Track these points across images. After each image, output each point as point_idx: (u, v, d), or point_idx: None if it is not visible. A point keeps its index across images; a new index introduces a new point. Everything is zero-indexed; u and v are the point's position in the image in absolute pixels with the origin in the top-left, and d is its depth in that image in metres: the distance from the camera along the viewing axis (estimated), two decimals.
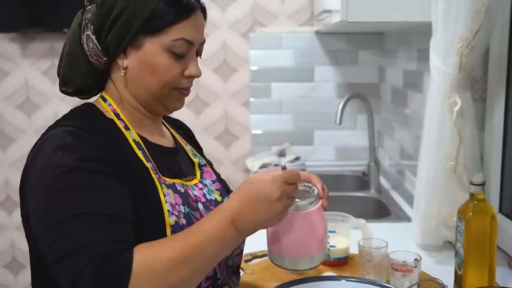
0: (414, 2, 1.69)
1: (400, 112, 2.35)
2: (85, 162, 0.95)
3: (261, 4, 2.80)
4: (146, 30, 1.05)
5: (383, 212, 2.13)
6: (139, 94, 1.10)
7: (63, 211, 0.91)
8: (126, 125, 1.09)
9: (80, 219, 0.90)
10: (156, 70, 1.06)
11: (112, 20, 1.05)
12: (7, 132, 2.92)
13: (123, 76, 1.09)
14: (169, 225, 1.01)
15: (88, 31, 1.08)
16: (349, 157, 2.84)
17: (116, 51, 1.07)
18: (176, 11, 1.05)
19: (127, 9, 1.04)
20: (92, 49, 1.08)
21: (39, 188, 0.95)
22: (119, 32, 1.05)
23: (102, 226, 0.90)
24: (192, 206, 1.09)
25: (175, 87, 1.10)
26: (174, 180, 1.10)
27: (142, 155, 1.06)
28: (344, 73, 2.79)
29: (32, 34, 2.83)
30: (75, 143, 0.97)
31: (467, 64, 1.44)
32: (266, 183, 0.93)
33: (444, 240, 1.62)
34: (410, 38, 2.18)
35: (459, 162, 1.50)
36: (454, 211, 1.51)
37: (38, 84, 2.87)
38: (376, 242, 1.42)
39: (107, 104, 1.11)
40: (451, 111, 1.49)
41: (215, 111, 2.88)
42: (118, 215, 0.93)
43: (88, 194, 0.93)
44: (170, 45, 1.05)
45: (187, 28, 1.06)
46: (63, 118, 1.08)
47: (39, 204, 0.95)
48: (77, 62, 1.11)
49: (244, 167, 2.88)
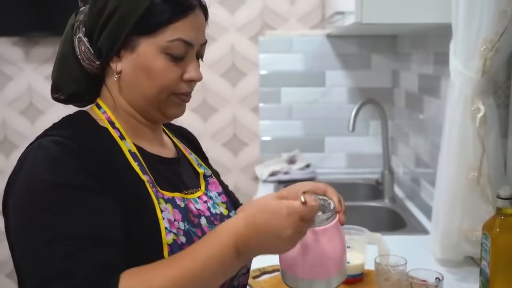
0: (431, 2, 1.60)
1: (415, 118, 2.26)
2: (70, 178, 0.86)
3: (270, 7, 2.71)
4: (140, 30, 0.96)
5: (398, 224, 2.03)
6: (134, 100, 1.02)
7: (45, 233, 0.82)
8: (122, 135, 1.00)
9: (63, 242, 0.81)
10: (152, 74, 0.98)
11: (104, 20, 0.97)
12: (10, 138, 2.86)
13: (117, 81, 1.01)
14: (167, 244, 0.92)
15: (80, 33, 1.00)
16: (361, 164, 2.74)
17: (109, 54, 0.99)
18: (172, 9, 0.96)
19: (120, 8, 0.96)
20: (84, 52, 1.01)
21: (21, 204, 0.87)
22: (112, 33, 0.97)
23: (87, 250, 0.81)
24: (192, 222, 1.00)
25: (173, 92, 1.01)
26: (174, 194, 1.01)
27: (138, 167, 0.97)
28: (356, 77, 2.70)
29: (35, 38, 2.76)
30: (62, 155, 0.89)
31: (491, 67, 1.35)
32: (280, 218, 0.82)
33: (466, 255, 1.53)
34: (425, 40, 2.09)
35: (482, 173, 1.41)
36: (476, 224, 1.42)
37: (42, 89, 2.81)
38: (394, 259, 1.33)
39: (102, 112, 1.03)
40: (474, 118, 1.40)
41: (223, 117, 2.80)
42: (105, 238, 0.84)
43: (72, 214, 0.84)
44: (167, 46, 0.97)
45: (185, 28, 0.98)
46: (52, 126, 1.00)
47: (20, 223, 0.87)
48: (68, 66, 1.03)
49: (253, 174, 2.79)
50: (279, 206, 0.83)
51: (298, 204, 0.83)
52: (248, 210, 0.86)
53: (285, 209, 0.82)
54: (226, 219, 1.07)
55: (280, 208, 0.82)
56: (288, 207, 0.82)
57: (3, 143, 2.86)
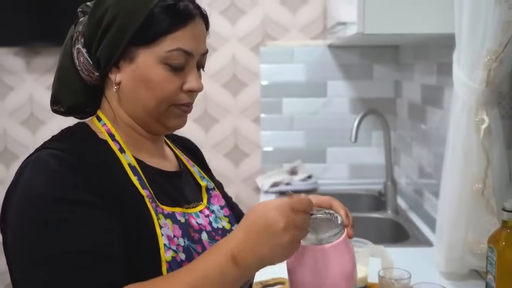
0: (434, 13, 1.60)
1: (418, 129, 2.24)
2: (67, 193, 0.85)
3: (272, 17, 2.71)
4: (139, 41, 0.95)
5: (401, 235, 2.01)
6: (134, 111, 1.00)
7: (41, 249, 0.81)
8: (121, 147, 0.98)
9: (62, 258, 0.80)
10: (151, 85, 0.96)
11: (102, 31, 0.96)
12: (11, 148, 2.84)
13: (116, 92, 0.99)
14: (165, 261, 0.90)
15: (79, 44, 0.99)
16: (363, 175, 2.72)
17: (108, 65, 0.97)
18: (171, 19, 0.95)
19: (118, 18, 0.94)
20: (83, 63, 0.99)
21: (17, 218, 0.86)
22: (110, 44, 0.95)
23: (86, 266, 0.80)
24: (193, 238, 0.98)
25: (173, 103, 0.99)
26: (174, 209, 0.99)
27: (138, 181, 0.95)
28: (358, 87, 2.68)
29: (37, 48, 2.76)
30: (59, 169, 0.87)
31: (495, 78, 1.34)
32: (269, 211, 0.81)
33: (470, 268, 1.50)
34: (428, 51, 2.08)
35: (487, 184, 1.39)
36: (481, 237, 1.40)
37: (43, 100, 2.80)
38: (398, 272, 1.31)
39: (102, 124, 1.01)
40: (478, 129, 1.38)
41: (224, 128, 2.78)
42: (104, 253, 0.83)
43: (71, 229, 0.83)
44: (166, 57, 0.95)
45: (184, 38, 0.96)
46: (51, 138, 0.98)
47: (16, 237, 0.85)
48: (67, 78, 1.01)
49: (254, 185, 2.77)
50: (266, 203, 0.83)
51: (284, 198, 0.83)
52: (243, 220, 0.85)
53: (273, 204, 0.82)
54: (228, 233, 1.05)
55: (267, 204, 0.83)
56: (276, 202, 0.82)
57: (3, 153, 2.85)
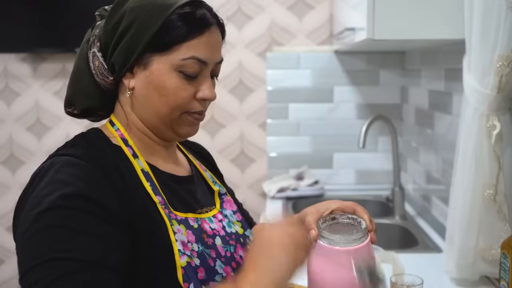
0: (443, 19, 1.59)
1: (425, 134, 2.24)
2: (72, 200, 0.84)
3: (278, 23, 2.71)
4: (154, 48, 0.95)
5: (410, 241, 2.00)
6: (147, 118, 1.00)
7: (44, 253, 0.80)
8: (135, 153, 0.98)
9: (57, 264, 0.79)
10: (164, 92, 0.96)
11: (118, 37, 0.96)
12: (17, 154, 2.84)
13: (130, 98, 1.00)
14: (180, 267, 0.90)
15: (94, 48, 0.99)
16: (370, 181, 2.72)
17: (122, 70, 0.97)
18: (187, 27, 0.95)
19: (134, 24, 0.94)
20: (98, 67, 0.99)
21: (24, 225, 0.85)
22: (125, 50, 0.95)
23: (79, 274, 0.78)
24: (206, 244, 0.97)
25: (186, 111, 0.99)
26: (187, 215, 0.99)
27: (151, 187, 0.95)
28: (365, 93, 2.68)
29: (43, 54, 2.76)
30: (68, 176, 0.87)
31: (507, 84, 1.34)
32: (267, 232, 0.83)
33: (482, 274, 1.49)
34: (435, 56, 2.08)
35: (498, 191, 1.38)
36: (493, 243, 1.40)
37: (49, 106, 2.80)
38: (410, 278, 1.30)
39: (115, 129, 1.01)
40: (489, 135, 1.38)
41: (230, 133, 2.78)
42: (99, 262, 0.81)
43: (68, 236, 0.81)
44: (180, 64, 0.95)
45: (200, 46, 0.96)
46: (65, 144, 0.99)
47: (21, 242, 0.85)
48: (82, 81, 1.02)
49: (261, 191, 2.77)
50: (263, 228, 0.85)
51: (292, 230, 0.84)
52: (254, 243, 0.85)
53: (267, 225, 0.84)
54: (241, 238, 1.05)
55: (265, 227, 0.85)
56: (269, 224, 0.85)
57: (9, 159, 2.85)
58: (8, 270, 2.93)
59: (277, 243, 0.82)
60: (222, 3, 2.68)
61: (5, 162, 2.85)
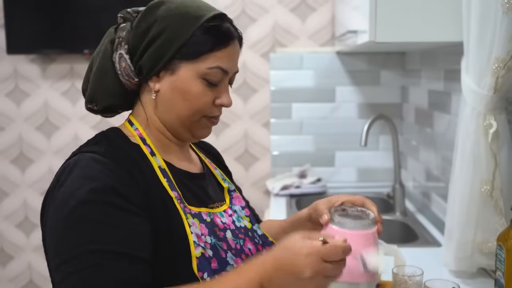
0: (443, 22, 1.66)
1: (425, 133, 2.31)
2: (101, 195, 0.91)
3: (281, 25, 2.78)
4: (183, 56, 1.02)
5: (410, 236, 2.07)
6: (167, 119, 1.07)
7: (76, 246, 0.87)
8: (152, 151, 1.05)
9: (92, 256, 0.86)
10: (188, 97, 1.03)
11: (148, 41, 1.02)
12: (26, 153, 2.91)
13: (154, 99, 1.06)
14: (195, 257, 0.97)
15: (122, 50, 1.05)
16: (371, 178, 2.79)
17: (149, 73, 1.04)
18: (214, 39, 1.02)
19: (165, 32, 1.01)
20: (124, 68, 1.06)
21: (56, 219, 0.92)
22: (155, 55, 1.02)
23: (113, 265, 0.86)
24: (218, 236, 1.04)
25: (205, 115, 1.07)
26: (200, 209, 1.06)
27: (167, 183, 1.02)
28: (366, 93, 2.75)
29: (52, 55, 2.83)
30: (95, 172, 0.94)
31: (503, 85, 1.40)
32: (300, 259, 0.82)
33: (479, 267, 1.56)
34: (435, 58, 2.15)
35: (495, 186, 1.45)
36: (490, 237, 1.46)
37: (58, 105, 2.87)
38: (411, 269, 1.36)
39: (134, 129, 1.08)
40: (486, 133, 1.45)
41: (235, 132, 2.85)
42: (132, 253, 0.89)
43: (101, 229, 0.89)
44: (205, 73, 1.03)
45: (224, 57, 1.04)
46: (87, 143, 1.05)
47: (54, 236, 0.92)
48: (106, 80, 1.07)
49: (264, 188, 2.84)
50: (300, 246, 0.83)
51: (318, 244, 0.83)
52: (278, 249, 0.87)
53: (305, 249, 0.82)
54: (250, 232, 1.11)
55: (301, 248, 0.83)
56: (308, 247, 0.82)
57: (19, 157, 2.91)
58: (18, 267, 3.00)
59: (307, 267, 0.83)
60: (227, 5, 2.75)
61: (15, 161, 2.92)
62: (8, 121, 2.89)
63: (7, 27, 2.71)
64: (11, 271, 3.01)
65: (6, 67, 2.85)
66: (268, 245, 1.14)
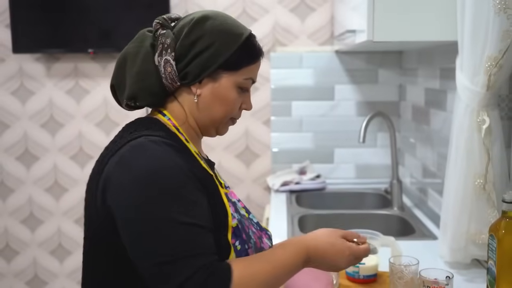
0: (439, 22, 1.71)
1: (422, 130, 2.36)
2: (180, 171, 1.05)
3: (281, 24, 2.84)
4: (226, 67, 1.15)
5: (407, 230, 2.13)
6: (202, 119, 1.20)
7: (167, 217, 1.00)
8: (186, 139, 1.18)
9: (183, 227, 1.00)
10: (225, 102, 1.17)
11: (196, 52, 1.14)
12: (31, 150, 2.96)
13: (195, 102, 1.18)
14: (231, 227, 1.11)
15: (168, 56, 1.15)
16: (369, 175, 2.85)
17: (195, 80, 1.16)
18: (251, 55, 1.18)
19: (213, 45, 1.14)
20: (170, 73, 1.16)
21: (138, 194, 1.02)
22: (202, 64, 1.14)
23: (200, 236, 1.02)
24: (240, 213, 1.18)
25: (232, 117, 1.22)
26: (225, 190, 1.20)
27: (205, 164, 1.16)
28: (364, 91, 2.81)
29: (56, 54, 2.88)
30: (164, 153, 1.06)
31: (495, 83, 1.46)
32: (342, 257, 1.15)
33: (473, 258, 1.62)
34: (431, 56, 2.20)
35: (488, 180, 1.51)
36: (483, 228, 1.52)
37: (62, 103, 2.92)
38: (407, 259, 1.42)
39: (167, 119, 1.19)
40: (479, 129, 1.51)
41: (235, 130, 2.90)
42: (207, 226, 1.04)
43: (183, 203, 1.03)
44: (241, 82, 1.17)
45: (255, 69, 1.20)
46: (135, 128, 1.15)
47: (139, 208, 1.02)
48: (149, 81, 1.17)
49: (265, 185, 2.90)
50: (343, 247, 1.16)
51: (356, 247, 1.17)
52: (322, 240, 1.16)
53: (347, 250, 1.16)
54: (246, 221, 1.21)
55: (343, 249, 1.15)
56: (350, 249, 1.16)
57: (24, 154, 2.97)
58: (23, 262, 3.05)
59: None
60: (227, 5, 2.81)
61: (20, 158, 2.98)
62: (13, 118, 2.95)
63: (12, 27, 2.77)
64: (16, 267, 3.06)
65: (11, 66, 2.91)
66: (262, 231, 1.25)
